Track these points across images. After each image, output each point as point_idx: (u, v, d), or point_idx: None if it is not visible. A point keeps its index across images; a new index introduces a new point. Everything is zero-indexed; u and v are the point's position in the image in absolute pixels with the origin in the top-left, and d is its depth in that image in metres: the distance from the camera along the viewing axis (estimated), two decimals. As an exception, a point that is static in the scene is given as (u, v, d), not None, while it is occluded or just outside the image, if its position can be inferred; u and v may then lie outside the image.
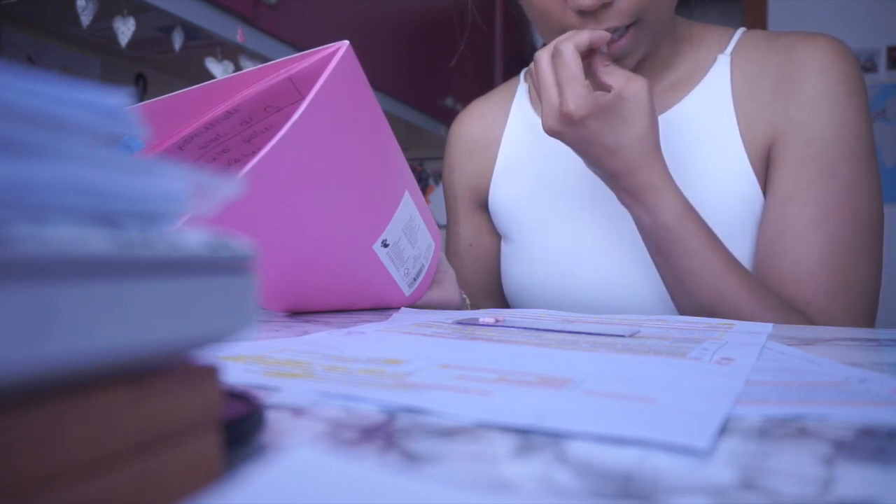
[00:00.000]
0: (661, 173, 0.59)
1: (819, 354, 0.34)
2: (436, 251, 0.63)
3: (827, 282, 0.61)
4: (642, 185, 0.58)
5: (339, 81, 0.45)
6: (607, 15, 0.59)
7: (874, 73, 2.50)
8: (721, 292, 0.58)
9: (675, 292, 0.61)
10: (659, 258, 0.61)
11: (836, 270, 0.61)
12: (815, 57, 0.65)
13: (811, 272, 0.61)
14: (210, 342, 0.14)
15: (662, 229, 0.59)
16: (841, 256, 0.61)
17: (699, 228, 0.59)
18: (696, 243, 0.58)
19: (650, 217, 0.59)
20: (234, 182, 0.15)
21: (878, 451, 0.18)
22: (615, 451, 0.18)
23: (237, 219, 0.43)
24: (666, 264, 0.60)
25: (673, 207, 0.58)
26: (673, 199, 0.59)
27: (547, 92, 0.58)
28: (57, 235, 0.11)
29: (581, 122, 0.57)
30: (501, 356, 0.32)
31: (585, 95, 0.56)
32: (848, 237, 0.61)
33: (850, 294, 0.61)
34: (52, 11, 1.08)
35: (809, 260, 0.61)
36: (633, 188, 0.59)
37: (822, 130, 0.63)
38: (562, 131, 0.58)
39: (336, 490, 0.12)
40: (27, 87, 0.12)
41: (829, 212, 0.62)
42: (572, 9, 0.59)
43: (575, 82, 0.56)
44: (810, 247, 0.61)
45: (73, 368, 0.11)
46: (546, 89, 0.58)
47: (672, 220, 0.58)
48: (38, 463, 0.11)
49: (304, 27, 1.37)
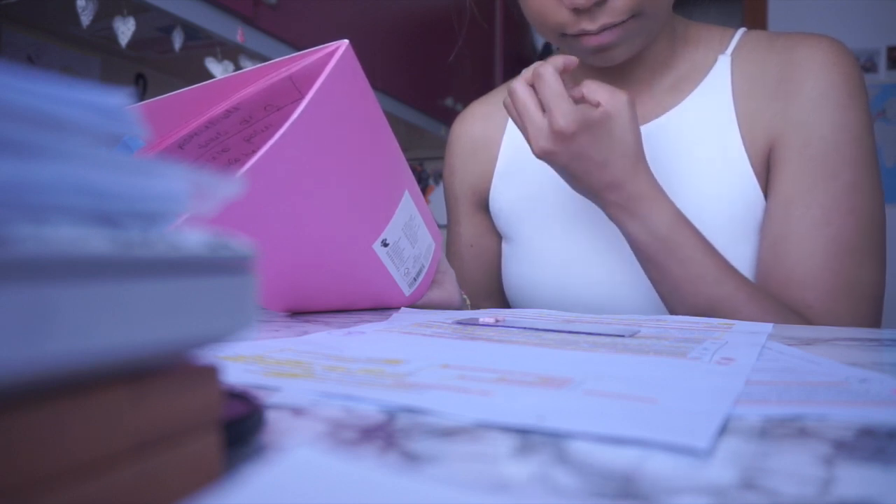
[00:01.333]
0: (650, 183, 0.59)
1: (819, 354, 0.34)
2: (436, 251, 0.63)
3: (830, 284, 0.60)
4: (633, 196, 0.59)
5: (339, 80, 0.45)
6: (602, 12, 0.59)
7: (874, 73, 2.50)
8: (719, 297, 0.58)
9: (671, 301, 0.61)
10: (654, 270, 0.61)
11: (839, 273, 0.61)
12: (816, 58, 0.65)
13: (814, 275, 0.61)
14: (210, 342, 0.14)
15: (657, 239, 0.59)
16: (844, 258, 0.61)
17: (692, 235, 0.59)
18: (690, 250, 0.59)
19: (644, 228, 0.59)
20: (233, 181, 0.15)
21: (878, 451, 0.18)
22: (615, 451, 0.18)
23: (237, 218, 0.43)
24: (661, 275, 0.60)
25: (666, 215, 0.59)
26: (665, 207, 0.59)
27: (530, 115, 0.58)
28: (57, 235, 0.11)
29: (573, 138, 0.57)
30: (501, 356, 0.32)
31: (574, 111, 0.56)
32: (851, 239, 0.61)
33: (853, 296, 0.61)
34: (52, 11, 1.08)
35: (812, 262, 0.61)
36: (624, 200, 0.59)
37: (822, 132, 0.63)
38: (554, 150, 0.58)
39: (336, 490, 0.12)
40: (27, 87, 0.12)
41: (832, 214, 0.61)
42: (567, 7, 0.60)
43: (561, 100, 0.56)
44: (813, 249, 0.61)
45: (73, 368, 0.11)
46: (529, 113, 0.58)
47: (666, 229, 0.58)
48: (38, 463, 0.11)
49: (304, 27, 1.37)
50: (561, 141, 0.57)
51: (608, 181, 0.59)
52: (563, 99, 0.57)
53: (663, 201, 0.59)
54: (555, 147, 0.58)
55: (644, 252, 0.61)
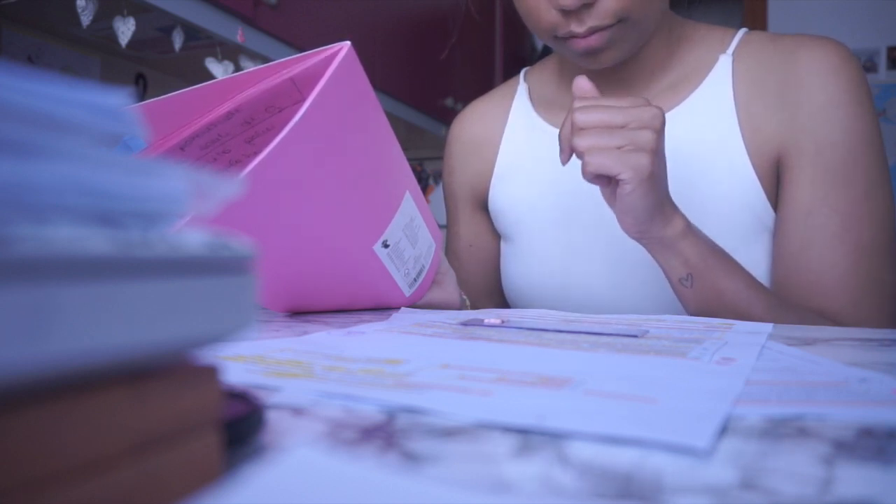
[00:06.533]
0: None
1: (819, 354, 0.34)
2: (436, 252, 0.63)
3: (855, 290, 0.61)
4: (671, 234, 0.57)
5: (341, 82, 0.45)
6: (589, 15, 0.60)
7: (874, 73, 2.50)
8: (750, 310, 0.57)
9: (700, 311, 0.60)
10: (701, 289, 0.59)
11: (863, 278, 0.61)
12: (822, 63, 0.65)
13: (837, 282, 0.61)
14: (210, 342, 0.14)
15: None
16: (866, 263, 0.61)
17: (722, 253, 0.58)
18: (729, 266, 0.58)
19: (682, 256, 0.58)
20: (234, 182, 0.15)
21: (878, 451, 0.18)
22: (615, 451, 0.18)
23: (238, 219, 0.43)
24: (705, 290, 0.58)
25: (700, 246, 0.57)
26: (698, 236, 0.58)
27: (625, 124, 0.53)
28: (57, 235, 0.11)
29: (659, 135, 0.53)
30: (501, 356, 0.32)
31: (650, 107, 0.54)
32: (871, 243, 0.61)
33: (878, 299, 0.61)
34: (52, 11, 1.08)
35: (836, 271, 0.61)
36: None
37: (834, 138, 0.63)
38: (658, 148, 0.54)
39: (336, 490, 0.12)
40: (27, 87, 0.12)
41: (851, 220, 0.62)
42: (555, 8, 0.60)
43: (631, 106, 0.53)
44: (836, 257, 0.61)
45: (73, 368, 0.11)
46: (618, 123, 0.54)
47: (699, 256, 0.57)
48: (38, 463, 0.11)
49: (304, 27, 1.37)
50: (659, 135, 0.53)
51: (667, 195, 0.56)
52: (630, 104, 0.54)
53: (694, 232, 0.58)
54: (658, 144, 0.53)
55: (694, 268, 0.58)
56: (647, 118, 0.53)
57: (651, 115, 0.53)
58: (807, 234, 0.63)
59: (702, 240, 0.58)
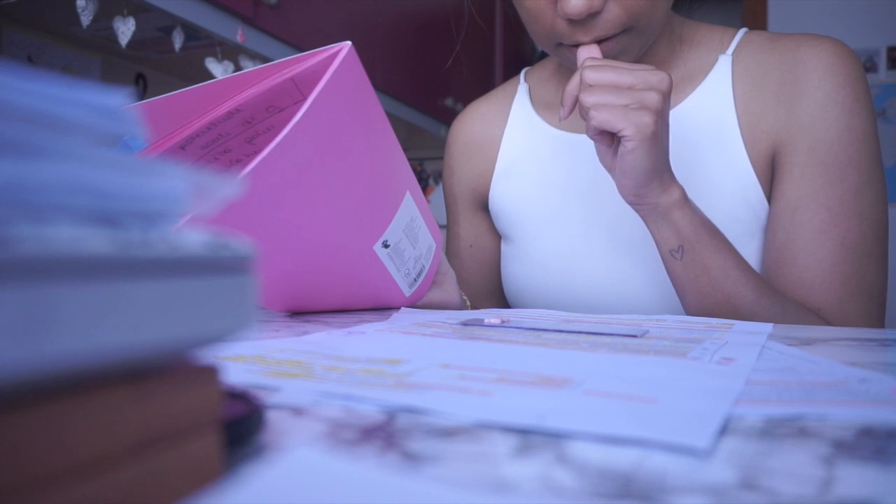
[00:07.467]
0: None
1: (819, 354, 0.34)
2: (437, 252, 0.63)
3: (838, 287, 0.61)
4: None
5: (342, 82, 0.45)
6: (596, 24, 0.59)
7: (874, 73, 2.50)
8: (739, 295, 0.58)
9: (690, 296, 0.60)
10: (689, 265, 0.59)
11: (847, 275, 0.61)
12: (820, 60, 0.65)
13: (822, 278, 0.61)
14: (210, 342, 0.14)
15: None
16: (851, 262, 0.61)
17: (716, 233, 0.59)
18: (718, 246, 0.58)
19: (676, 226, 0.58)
20: (234, 182, 0.15)
21: (878, 450, 0.18)
22: (615, 451, 0.18)
23: (238, 219, 0.43)
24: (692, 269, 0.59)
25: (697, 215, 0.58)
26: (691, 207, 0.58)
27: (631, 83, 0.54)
28: (57, 235, 0.11)
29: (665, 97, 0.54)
30: (501, 356, 0.32)
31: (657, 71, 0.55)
32: (857, 242, 0.61)
33: (861, 297, 0.61)
34: (52, 11, 1.08)
35: (821, 266, 0.61)
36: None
37: (828, 135, 0.63)
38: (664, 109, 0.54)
39: (336, 490, 0.12)
40: (27, 87, 0.12)
41: (839, 217, 0.62)
42: (561, 17, 0.59)
43: (638, 69, 0.54)
44: (821, 253, 0.61)
45: (73, 368, 0.11)
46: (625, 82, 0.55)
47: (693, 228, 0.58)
48: (39, 463, 0.11)
49: (304, 27, 1.37)
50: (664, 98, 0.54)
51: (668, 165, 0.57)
52: (638, 68, 0.55)
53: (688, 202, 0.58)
54: (664, 107, 0.54)
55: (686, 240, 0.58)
56: (655, 81, 0.54)
57: (658, 78, 0.54)
58: (793, 228, 0.63)
59: (697, 214, 0.58)
